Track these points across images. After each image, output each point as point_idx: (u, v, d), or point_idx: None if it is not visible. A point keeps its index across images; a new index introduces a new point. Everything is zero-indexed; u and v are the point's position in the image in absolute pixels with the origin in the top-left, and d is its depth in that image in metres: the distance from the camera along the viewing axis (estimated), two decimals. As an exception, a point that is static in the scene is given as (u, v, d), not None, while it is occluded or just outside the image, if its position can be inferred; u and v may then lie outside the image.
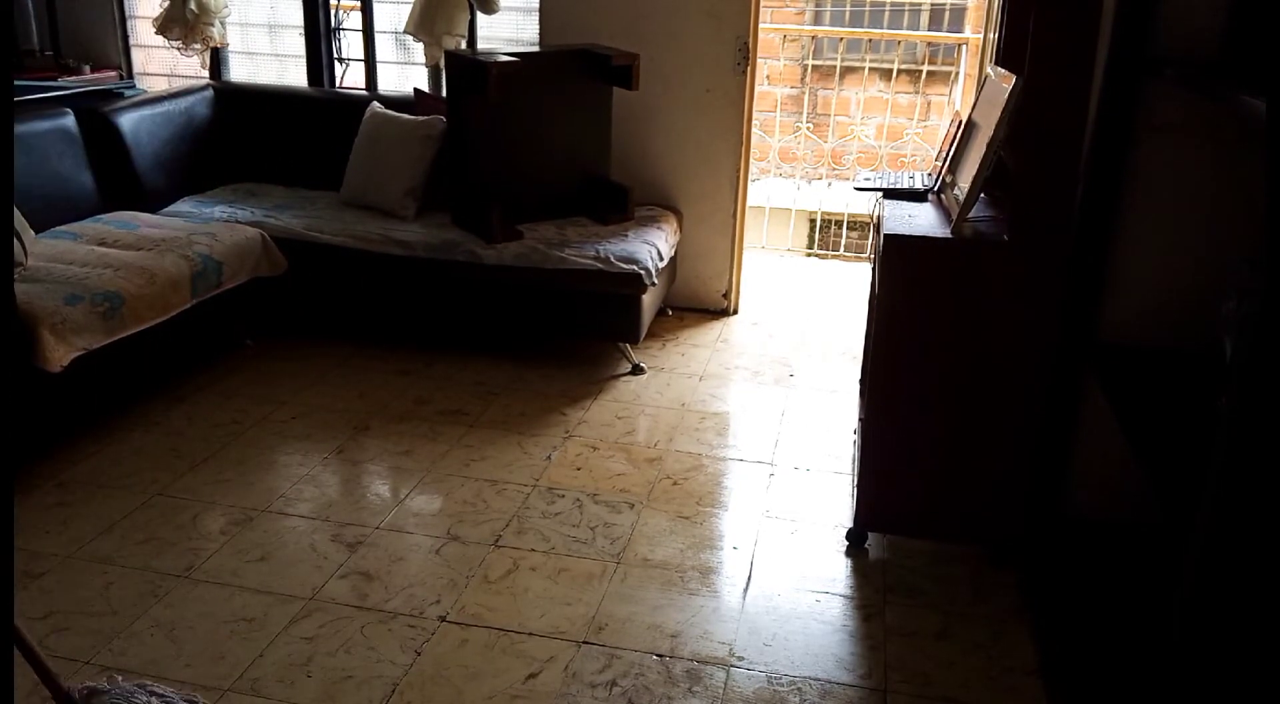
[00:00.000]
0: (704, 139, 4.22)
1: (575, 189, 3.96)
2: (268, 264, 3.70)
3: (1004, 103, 2.31)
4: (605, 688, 2.16)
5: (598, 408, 3.51)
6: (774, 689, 2.19)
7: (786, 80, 6.95)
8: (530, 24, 4.41)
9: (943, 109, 6.54)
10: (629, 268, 3.56)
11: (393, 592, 2.47)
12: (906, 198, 2.73)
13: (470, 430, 3.31)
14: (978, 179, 2.37)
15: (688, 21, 4.08)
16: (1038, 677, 2.23)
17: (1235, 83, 1.60)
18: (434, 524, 2.77)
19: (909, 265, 2.42)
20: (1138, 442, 1.82)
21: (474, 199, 3.74)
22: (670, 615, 2.41)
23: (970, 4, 6.67)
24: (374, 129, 4.05)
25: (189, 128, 4.24)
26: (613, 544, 2.69)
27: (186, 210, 3.93)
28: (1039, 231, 2.32)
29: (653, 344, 4.07)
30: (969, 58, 5.77)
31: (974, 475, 2.54)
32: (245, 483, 2.95)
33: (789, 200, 6.02)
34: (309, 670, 2.19)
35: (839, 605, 2.49)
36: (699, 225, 4.32)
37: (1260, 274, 1.29)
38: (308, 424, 3.32)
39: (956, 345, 2.44)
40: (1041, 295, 2.36)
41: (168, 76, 5.05)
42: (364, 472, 3.11)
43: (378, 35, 4.62)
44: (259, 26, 5.10)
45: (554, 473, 3.06)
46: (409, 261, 3.70)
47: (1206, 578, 1.44)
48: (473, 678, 2.18)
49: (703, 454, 3.22)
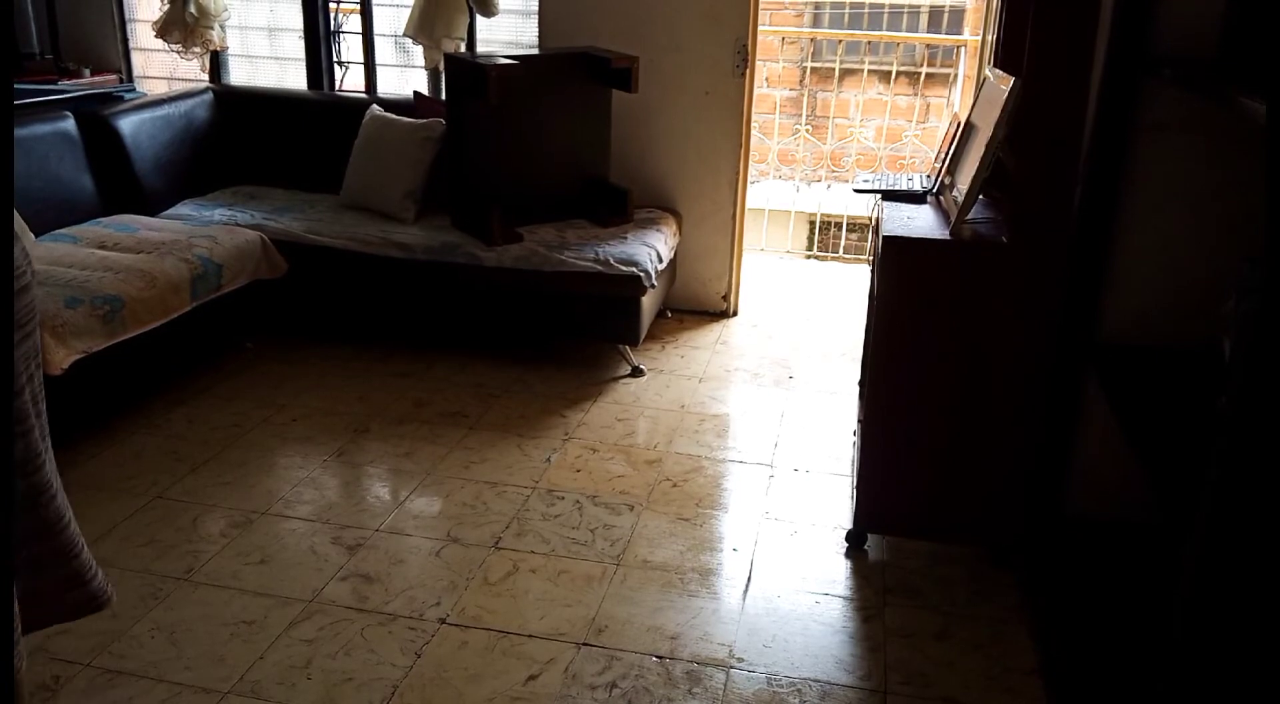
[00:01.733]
0: (703, 141, 4.23)
1: (575, 191, 3.96)
2: (268, 267, 3.70)
3: (1002, 104, 2.31)
4: (605, 689, 2.16)
5: (597, 410, 3.51)
6: (774, 691, 2.19)
7: (785, 82, 6.96)
8: (530, 27, 4.42)
9: (942, 111, 6.55)
10: (628, 270, 3.56)
11: (393, 594, 2.47)
12: (905, 199, 2.73)
13: (470, 433, 3.31)
14: (976, 180, 2.38)
15: (687, 24, 4.09)
16: (1037, 677, 2.23)
17: (1233, 83, 1.60)
18: (434, 526, 2.77)
19: (908, 267, 2.42)
20: (1138, 442, 1.82)
21: (473, 201, 3.74)
22: (670, 617, 2.41)
23: (969, 6, 6.68)
24: (374, 132, 4.05)
25: (189, 131, 4.25)
26: (612, 546, 2.70)
27: (186, 213, 3.94)
28: (1038, 232, 2.32)
29: (652, 346, 4.07)
30: (968, 59, 5.78)
31: (973, 476, 2.54)
32: (245, 485, 2.95)
33: (788, 202, 6.03)
34: (309, 673, 2.19)
35: (839, 607, 2.49)
36: (698, 227, 4.33)
37: (1260, 272, 1.29)
38: (308, 427, 3.32)
39: (956, 346, 2.44)
40: (1041, 296, 2.36)
41: (167, 80, 5.06)
42: (364, 474, 3.11)
43: (377, 38, 4.62)
44: (258, 30, 5.11)
45: (554, 475, 3.06)
46: (409, 264, 3.70)
47: (1207, 577, 1.44)
48: (473, 680, 2.18)
49: (702, 456, 3.22)
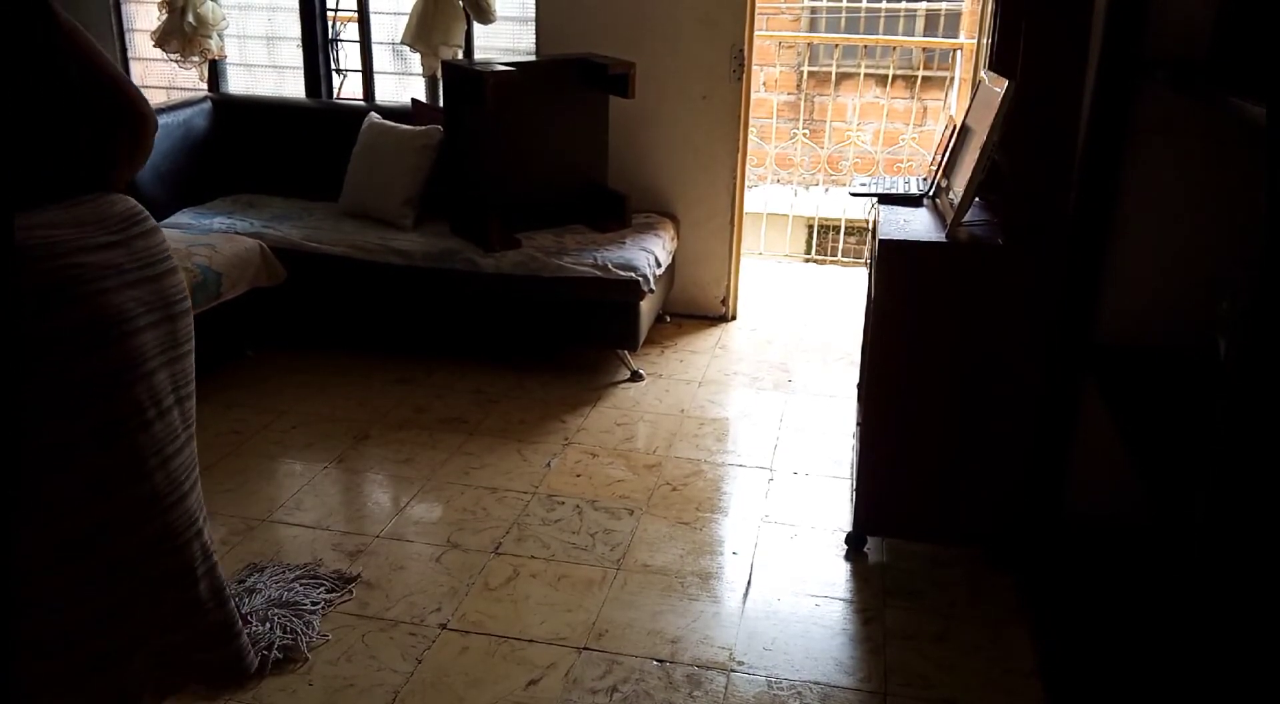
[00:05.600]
0: (701, 146, 4.24)
1: (573, 197, 3.97)
2: (267, 274, 3.71)
3: (997, 107, 2.32)
4: (606, 694, 2.17)
5: (597, 415, 3.52)
6: (774, 693, 2.19)
7: (783, 87, 6.97)
8: (527, 34, 4.43)
9: (939, 114, 6.56)
10: (627, 275, 3.57)
11: (393, 600, 2.47)
12: (902, 203, 2.74)
13: (470, 438, 3.31)
14: (972, 183, 2.38)
15: (683, 30, 4.10)
16: (1037, 678, 2.24)
17: (1226, 86, 1.61)
18: (434, 532, 2.77)
19: (905, 270, 2.43)
20: (1133, 443, 1.82)
21: (472, 208, 3.75)
22: (670, 621, 2.42)
23: (965, 9, 6.69)
24: (372, 139, 4.06)
25: (187, 140, 4.26)
26: (613, 550, 2.70)
27: (185, 222, 3.95)
28: (1034, 235, 2.33)
29: (651, 351, 4.08)
30: (964, 63, 5.79)
31: (972, 478, 2.55)
32: (246, 492, 2.95)
33: (786, 206, 6.03)
34: (310, 679, 2.19)
35: (838, 609, 2.50)
36: (696, 232, 4.33)
37: (1254, 273, 1.30)
38: (308, 433, 3.33)
39: (953, 349, 2.45)
40: (1037, 298, 2.37)
41: (166, 89, 5.07)
42: (364, 480, 3.12)
43: (375, 46, 4.63)
44: (257, 38, 5.12)
45: (554, 480, 3.07)
46: (408, 271, 3.71)
47: (1206, 577, 1.44)
48: (474, 685, 2.18)
49: (702, 460, 3.22)
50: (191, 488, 1.53)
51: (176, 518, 1.49)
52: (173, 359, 1.51)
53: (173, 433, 1.49)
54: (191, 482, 1.54)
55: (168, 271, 1.54)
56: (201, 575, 1.54)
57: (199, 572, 1.54)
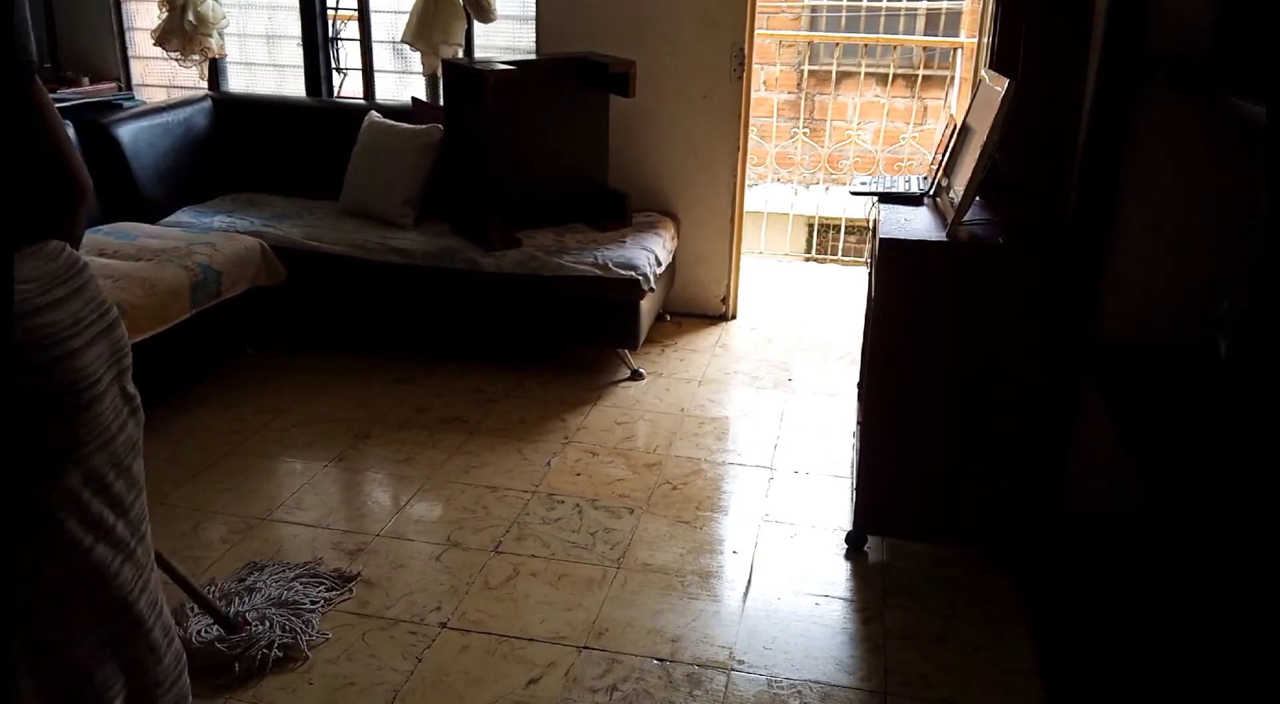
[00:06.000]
0: (701, 145, 4.24)
1: (573, 196, 3.97)
2: (267, 273, 3.71)
3: (998, 106, 2.32)
4: (606, 693, 2.17)
5: (597, 414, 3.52)
6: (774, 692, 2.19)
7: (783, 86, 6.97)
8: (527, 32, 4.43)
9: (939, 113, 6.56)
10: (627, 274, 3.57)
11: (393, 598, 2.47)
12: (902, 202, 2.74)
13: (470, 437, 3.32)
14: (972, 182, 2.38)
15: (684, 29, 4.10)
16: (1037, 678, 2.24)
17: (1226, 86, 1.61)
18: (434, 531, 2.77)
19: (905, 269, 2.43)
20: (1133, 443, 1.82)
21: (472, 207, 3.75)
22: (670, 620, 2.42)
23: (965, 8, 6.69)
24: (372, 138, 4.06)
25: (188, 138, 4.26)
26: (613, 549, 2.70)
27: (186, 220, 3.95)
28: (1034, 234, 2.33)
29: (651, 350, 4.08)
30: (964, 62, 5.79)
31: (972, 477, 2.55)
32: (246, 491, 2.95)
33: (786, 205, 6.03)
34: (310, 678, 2.19)
35: (839, 608, 2.50)
36: (697, 231, 4.33)
37: (1254, 273, 1.30)
38: (308, 432, 3.33)
39: (953, 348, 2.45)
40: (1037, 298, 2.37)
41: (166, 88, 5.07)
42: (364, 479, 3.12)
43: (375, 45, 4.63)
44: (257, 37, 5.12)
45: (554, 479, 3.07)
46: (408, 270, 3.71)
47: (1206, 577, 1.44)
48: (474, 684, 2.19)
49: (702, 459, 3.22)
50: (139, 542, 1.50)
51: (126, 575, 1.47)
52: (125, 425, 1.46)
53: (121, 505, 1.45)
54: (139, 536, 1.51)
55: (115, 321, 1.46)
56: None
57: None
